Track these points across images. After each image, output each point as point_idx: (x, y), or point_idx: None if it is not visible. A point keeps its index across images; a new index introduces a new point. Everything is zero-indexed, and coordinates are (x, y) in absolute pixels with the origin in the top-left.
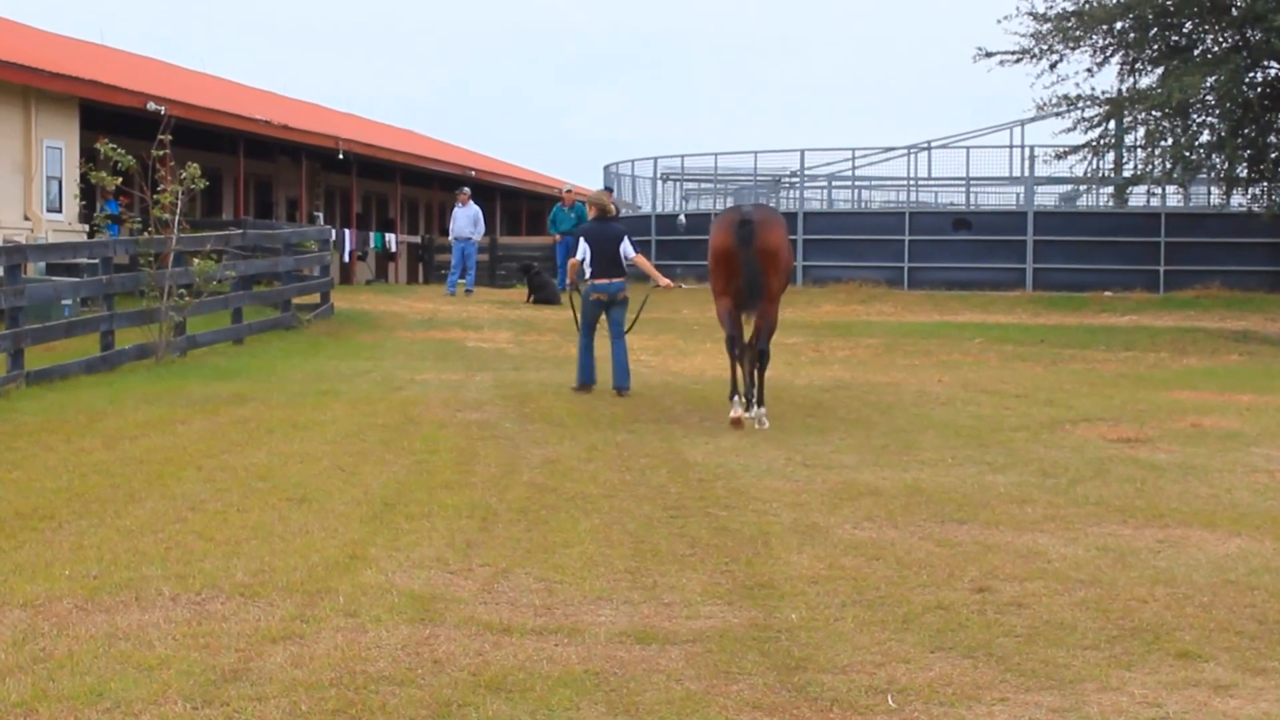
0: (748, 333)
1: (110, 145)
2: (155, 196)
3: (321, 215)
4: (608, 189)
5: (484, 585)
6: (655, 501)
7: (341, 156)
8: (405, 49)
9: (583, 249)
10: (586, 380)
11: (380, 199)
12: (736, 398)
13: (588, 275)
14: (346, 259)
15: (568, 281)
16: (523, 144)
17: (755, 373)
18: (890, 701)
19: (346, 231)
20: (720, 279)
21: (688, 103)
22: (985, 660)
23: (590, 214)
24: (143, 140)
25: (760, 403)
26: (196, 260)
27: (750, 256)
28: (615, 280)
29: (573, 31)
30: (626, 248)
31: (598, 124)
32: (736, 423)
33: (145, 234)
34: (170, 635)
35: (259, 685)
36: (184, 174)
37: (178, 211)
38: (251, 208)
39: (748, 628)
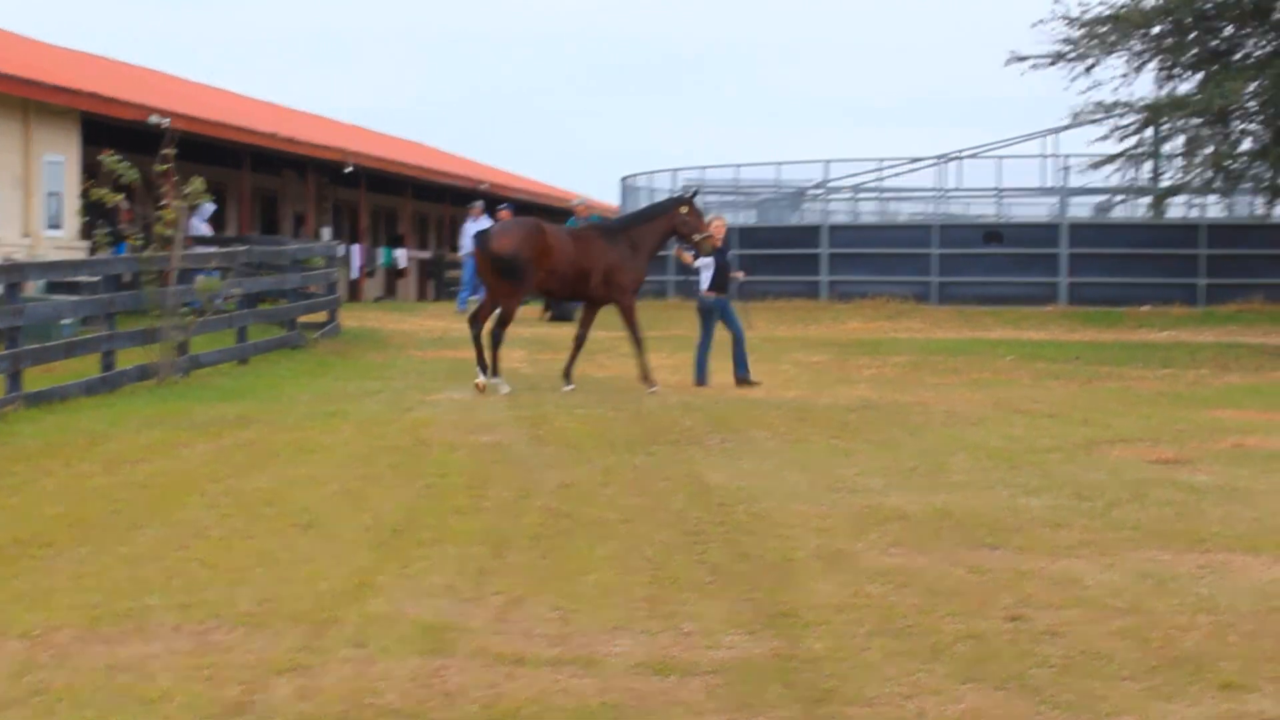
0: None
1: (115, 157)
2: (158, 212)
3: (329, 230)
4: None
5: (497, 614)
6: (674, 527)
7: (349, 170)
8: (414, 59)
9: None
10: None
11: (389, 213)
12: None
13: None
14: (354, 276)
15: None
16: (536, 156)
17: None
18: None
19: (354, 247)
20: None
21: (707, 114)
22: (1019, 692)
23: None
24: (145, 155)
25: (498, 373)
26: (200, 278)
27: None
28: None
29: (588, 41)
30: None
31: (614, 135)
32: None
33: (148, 251)
34: (173, 667)
35: (264, 719)
36: (187, 189)
37: (180, 228)
38: (257, 223)
39: (770, 658)
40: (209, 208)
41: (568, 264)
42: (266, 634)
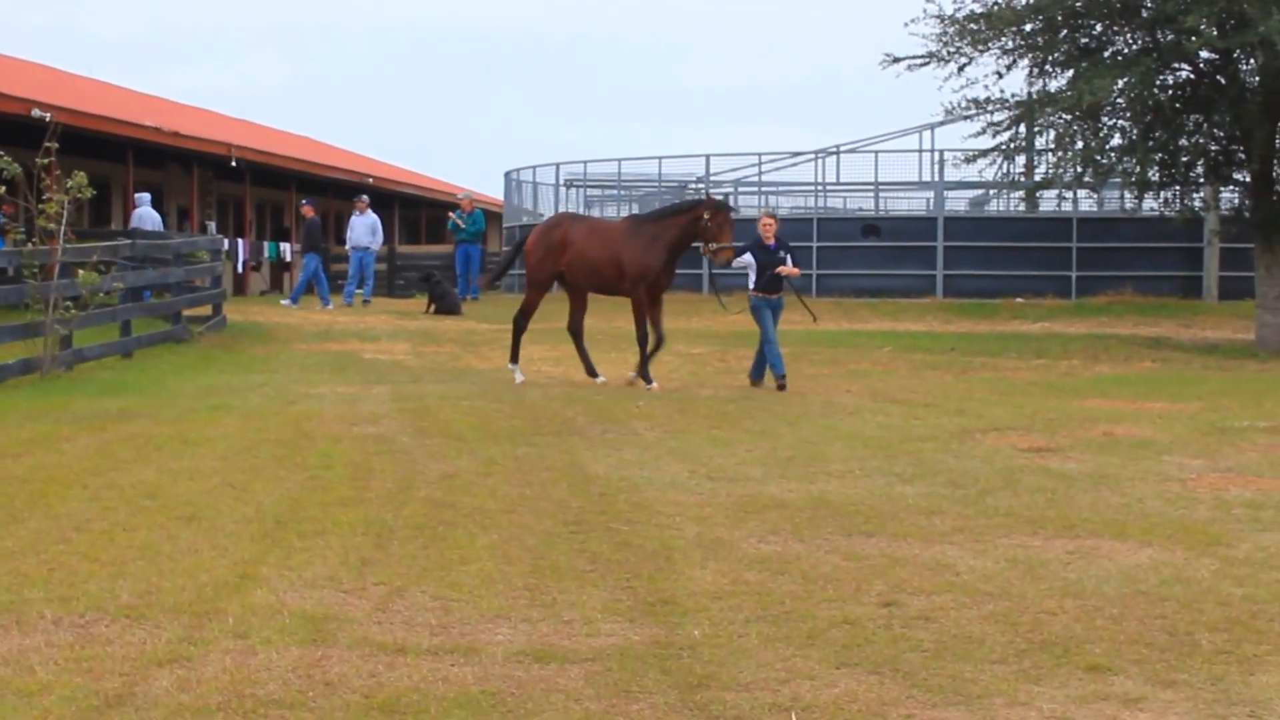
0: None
1: None
2: (40, 206)
3: (214, 224)
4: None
5: (378, 604)
6: (555, 516)
7: (234, 164)
8: (298, 50)
9: None
10: None
11: (275, 207)
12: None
13: None
14: (240, 269)
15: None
16: (421, 150)
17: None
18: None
19: (240, 241)
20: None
21: (589, 108)
22: (891, 676)
23: None
24: (28, 149)
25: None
26: (82, 271)
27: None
28: None
29: (472, 33)
30: None
31: (498, 129)
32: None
33: (29, 245)
34: (52, 660)
35: (144, 710)
36: (70, 183)
37: (64, 221)
38: None
39: (649, 645)
40: (146, 196)
41: (578, 257)
42: (147, 626)
